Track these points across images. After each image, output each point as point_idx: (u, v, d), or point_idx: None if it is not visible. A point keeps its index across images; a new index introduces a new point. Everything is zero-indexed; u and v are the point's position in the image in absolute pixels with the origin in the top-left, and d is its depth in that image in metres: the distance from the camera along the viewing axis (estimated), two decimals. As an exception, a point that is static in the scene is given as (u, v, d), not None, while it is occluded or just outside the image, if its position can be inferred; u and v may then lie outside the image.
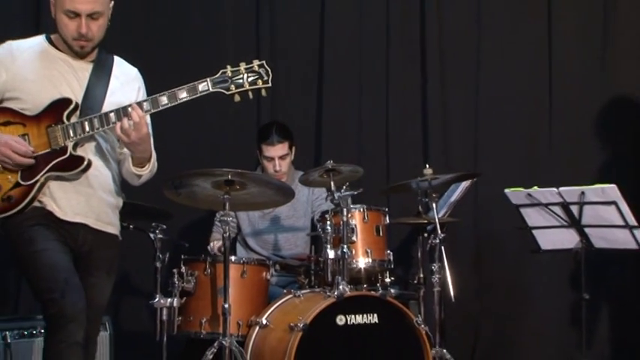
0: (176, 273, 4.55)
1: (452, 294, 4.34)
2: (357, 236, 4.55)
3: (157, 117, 3.57)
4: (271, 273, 4.75)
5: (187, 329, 4.57)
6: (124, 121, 3.43)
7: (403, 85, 5.80)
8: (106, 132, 3.57)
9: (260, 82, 3.58)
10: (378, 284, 4.61)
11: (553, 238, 4.54)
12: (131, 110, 3.44)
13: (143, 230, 4.63)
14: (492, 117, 5.73)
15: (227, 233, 4.29)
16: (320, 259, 4.59)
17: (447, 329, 4.79)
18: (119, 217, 3.70)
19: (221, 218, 4.40)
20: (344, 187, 4.49)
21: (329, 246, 4.47)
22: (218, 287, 4.46)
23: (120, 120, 3.44)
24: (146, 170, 3.62)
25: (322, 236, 4.53)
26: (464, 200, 5.02)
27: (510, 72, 5.74)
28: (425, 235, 4.82)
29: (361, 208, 4.61)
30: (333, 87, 5.80)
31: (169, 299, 4.49)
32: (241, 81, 3.56)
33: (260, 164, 5.16)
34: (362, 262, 4.57)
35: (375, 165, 5.64)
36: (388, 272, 4.66)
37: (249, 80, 3.57)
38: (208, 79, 3.55)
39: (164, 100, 3.51)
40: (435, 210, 4.50)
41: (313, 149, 5.77)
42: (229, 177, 4.20)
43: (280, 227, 5.19)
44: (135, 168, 3.59)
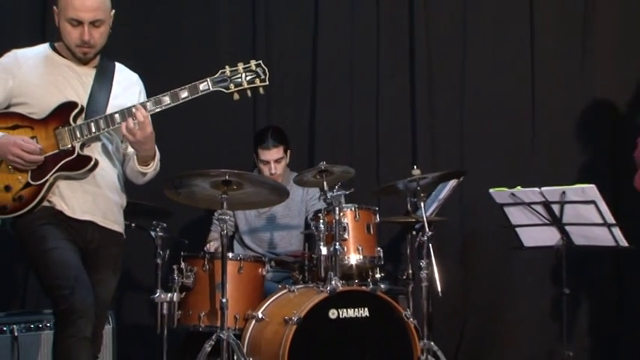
0: (176, 269, 4.55)
1: (439, 289, 4.36)
2: (349, 234, 4.55)
3: (158, 120, 3.58)
4: (267, 269, 4.75)
5: (187, 323, 4.57)
6: (129, 121, 3.44)
7: (392, 90, 5.80)
8: (111, 133, 3.58)
9: (258, 81, 3.60)
10: (369, 280, 4.61)
11: (535, 236, 4.56)
12: (135, 110, 3.45)
13: (144, 228, 4.64)
14: (478, 120, 5.72)
15: (225, 231, 4.30)
16: (313, 256, 4.60)
17: (435, 322, 4.79)
18: (123, 216, 3.72)
19: (219, 217, 4.41)
20: (336, 187, 4.51)
21: (322, 243, 4.47)
22: (216, 283, 4.46)
23: (125, 120, 3.45)
24: (151, 168, 3.63)
25: (315, 234, 4.53)
26: (450, 200, 5.02)
27: (495, 77, 5.73)
28: (413, 233, 4.83)
29: (353, 207, 4.61)
30: (326, 92, 5.80)
31: (169, 294, 4.49)
32: (240, 80, 3.58)
33: (257, 167, 5.17)
34: (353, 259, 4.57)
35: (366, 166, 5.64)
36: (378, 268, 4.67)
37: (247, 79, 3.58)
38: (208, 79, 3.56)
39: (167, 100, 3.52)
40: (423, 209, 4.52)
41: (307, 151, 5.77)
42: (227, 177, 4.21)
43: (276, 226, 5.20)
44: (140, 166, 3.60)
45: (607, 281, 5.47)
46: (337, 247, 4.38)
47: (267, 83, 3.61)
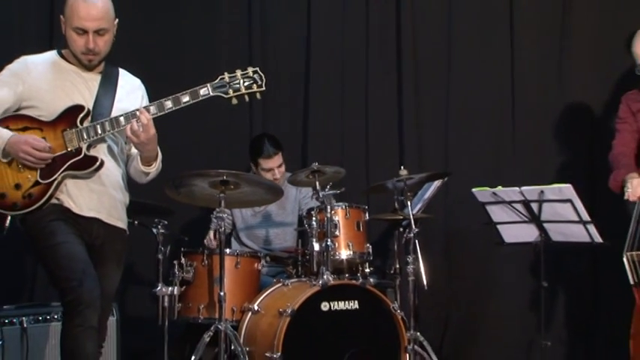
0: (176, 264, 4.56)
1: (425, 282, 4.36)
2: (340, 231, 4.56)
3: (160, 124, 3.59)
4: (262, 264, 4.76)
5: (187, 315, 4.58)
6: (134, 124, 3.45)
7: (381, 94, 5.79)
8: (116, 135, 3.59)
9: (255, 87, 3.61)
10: (359, 274, 4.62)
11: (515, 233, 4.56)
12: (139, 114, 3.46)
13: (147, 226, 4.63)
14: (461, 123, 5.71)
15: (222, 228, 4.30)
16: (306, 252, 4.61)
17: (421, 314, 4.79)
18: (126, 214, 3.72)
19: (217, 215, 4.41)
20: (328, 187, 4.53)
21: (314, 240, 4.49)
22: (214, 277, 4.46)
23: (129, 123, 3.46)
24: (153, 168, 3.65)
25: (308, 231, 4.55)
26: (435, 198, 5.03)
27: (477, 83, 5.71)
28: (400, 230, 4.83)
29: (343, 206, 4.62)
30: (319, 96, 5.78)
31: (170, 288, 4.50)
32: (238, 86, 3.59)
33: (252, 172, 5.14)
34: (344, 254, 4.58)
35: (356, 166, 5.64)
36: (367, 263, 4.68)
37: (245, 85, 3.60)
38: (208, 85, 3.58)
39: (169, 104, 3.54)
40: (410, 207, 4.52)
41: (300, 152, 5.77)
42: (224, 177, 4.22)
43: (271, 223, 5.20)
44: (143, 166, 3.61)
45: (583, 275, 5.48)
46: (329, 244, 4.40)
47: (263, 89, 3.62)
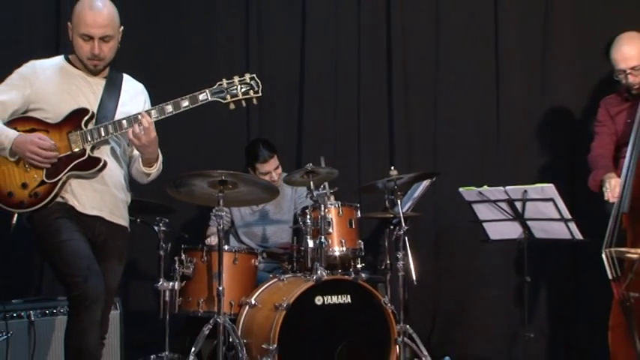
0: (177, 260, 4.56)
1: (414, 278, 4.36)
2: (333, 228, 4.56)
3: (161, 128, 3.59)
4: (259, 260, 4.76)
5: (187, 308, 4.59)
6: (136, 127, 3.46)
7: (371, 95, 5.78)
8: (119, 137, 3.60)
9: (252, 93, 3.62)
10: (351, 269, 4.63)
11: (500, 230, 4.56)
12: (141, 117, 3.47)
13: (148, 223, 4.64)
14: (449, 125, 5.70)
15: (221, 226, 4.31)
16: (301, 248, 4.61)
17: (410, 308, 4.80)
18: (128, 212, 3.72)
19: (216, 213, 4.41)
20: (322, 186, 4.53)
21: (309, 237, 4.50)
22: (213, 272, 4.47)
23: (131, 126, 3.46)
24: (154, 169, 3.65)
25: (303, 228, 4.55)
26: (424, 197, 5.03)
27: (464, 86, 5.70)
28: (391, 228, 4.82)
29: (336, 204, 4.62)
30: (312, 99, 5.79)
31: (171, 283, 4.51)
32: (235, 91, 3.60)
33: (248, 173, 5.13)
34: (337, 251, 4.59)
35: (348, 167, 5.63)
36: (359, 259, 4.69)
37: (242, 91, 3.60)
38: (207, 90, 3.58)
39: (169, 109, 3.54)
40: (400, 205, 4.53)
41: (295, 153, 5.77)
42: (223, 177, 4.22)
43: (268, 221, 5.20)
44: (144, 168, 3.62)
45: (564, 271, 5.48)
46: (322, 240, 4.40)
47: (260, 95, 3.62)
